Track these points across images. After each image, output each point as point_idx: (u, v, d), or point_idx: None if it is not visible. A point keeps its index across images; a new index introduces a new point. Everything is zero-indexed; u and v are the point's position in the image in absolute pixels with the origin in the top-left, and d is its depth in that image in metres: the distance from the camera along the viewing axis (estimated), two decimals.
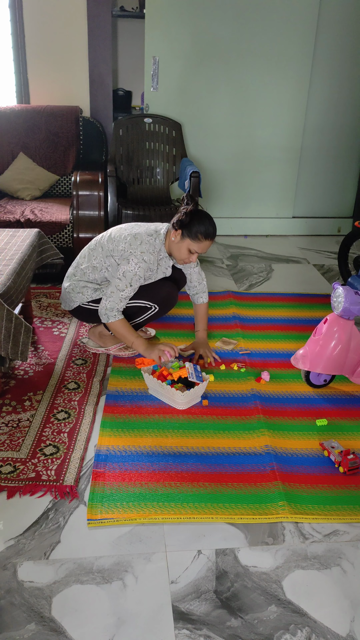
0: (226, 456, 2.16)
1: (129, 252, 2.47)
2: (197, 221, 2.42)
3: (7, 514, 1.87)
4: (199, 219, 2.42)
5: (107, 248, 2.55)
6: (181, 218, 2.43)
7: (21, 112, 3.75)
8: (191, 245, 2.45)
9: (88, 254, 2.63)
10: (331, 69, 4.29)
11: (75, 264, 2.68)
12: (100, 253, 2.58)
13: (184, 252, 2.48)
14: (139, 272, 2.46)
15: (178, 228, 2.44)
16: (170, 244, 2.52)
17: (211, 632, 1.54)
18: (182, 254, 2.49)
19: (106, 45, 3.91)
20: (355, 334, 2.45)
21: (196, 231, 2.42)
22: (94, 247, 2.62)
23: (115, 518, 1.85)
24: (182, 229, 2.44)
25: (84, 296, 2.62)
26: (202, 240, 2.44)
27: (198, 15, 3.97)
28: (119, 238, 2.53)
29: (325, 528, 1.88)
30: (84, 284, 2.62)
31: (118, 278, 2.46)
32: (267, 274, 3.90)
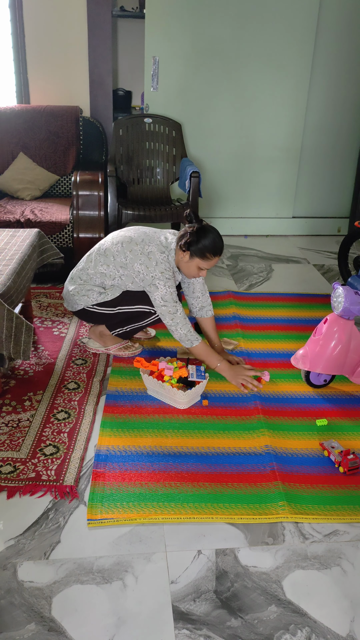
0: (226, 456, 2.16)
1: (151, 276, 2.45)
2: (204, 239, 2.40)
3: (7, 514, 1.87)
4: (205, 237, 2.40)
5: (121, 261, 2.51)
6: (187, 240, 2.41)
7: (21, 112, 3.75)
8: (201, 263, 2.46)
9: (95, 259, 2.58)
10: (331, 69, 4.29)
11: (81, 267, 2.64)
12: (112, 262, 2.53)
13: (193, 270, 2.49)
14: (172, 290, 2.46)
15: (186, 250, 2.43)
16: (179, 261, 2.51)
17: (211, 632, 1.54)
18: (192, 271, 2.50)
19: (106, 45, 3.91)
20: (355, 334, 2.45)
21: (204, 250, 2.41)
22: (104, 254, 2.56)
23: (116, 518, 1.85)
24: (189, 250, 2.43)
25: (89, 299, 2.60)
26: (211, 259, 2.44)
27: (198, 15, 3.97)
28: (133, 256, 2.48)
29: (325, 528, 1.88)
30: (89, 287, 2.60)
31: (163, 306, 2.46)
32: (267, 274, 3.90)
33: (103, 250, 2.57)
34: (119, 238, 2.57)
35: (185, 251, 2.44)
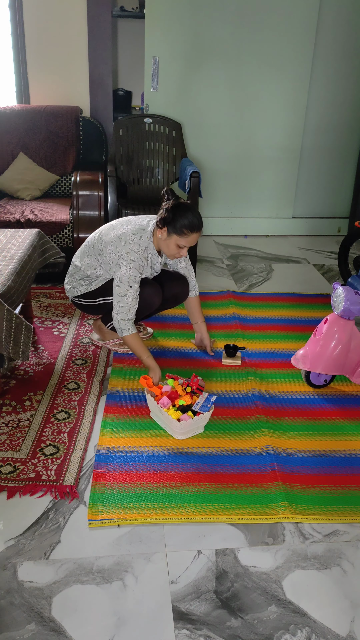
0: (226, 456, 2.16)
1: (117, 255, 2.46)
2: (180, 216, 2.37)
3: (7, 514, 1.87)
4: (181, 214, 2.37)
5: (97, 248, 2.57)
6: (163, 216, 2.39)
7: (21, 112, 3.75)
8: (179, 240, 2.43)
9: (82, 251, 2.66)
10: (331, 69, 4.29)
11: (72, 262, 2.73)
12: (92, 251, 2.59)
13: (172, 248, 2.46)
14: (132, 273, 2.45)
15: (162, 226, 2.41)
16: (158, 241, 2.49)
17: (211, 632, 1.54)
18: (171, 250, 2.47)
19: (106, 45, 3.91)
20: (356, 334, 2.45)
21: (181, 226, 2.38)
22: (89, 245, 2.63)
23: (116, 518, 1.85)
24: (166, 226, 2.40)
25: (75, 290, 2.69)
26: (188, 235, 2.40)
27: (198, 15, 3.97)
28: (107, 240, 2.53)
29: (325, 528, 1.88)
30: (78, 278, 2.67)
31: (117, 285, 2.47)
32: (267, 274, 3.90)
33: (89, 243, 2.64)
34: (102, 227, 2.63)
35: (162, 228, 2.41)
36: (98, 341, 2.83)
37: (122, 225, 2.55)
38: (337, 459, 2.18)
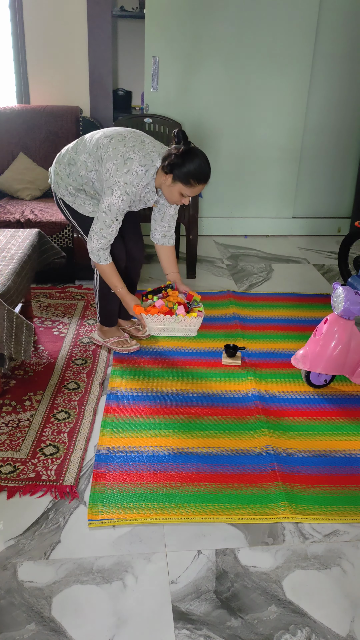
0: (226, 456, 2.16)
1: (114, 180, 2.28)
2: (189, 163, 2.24)
3: (7, 514, 1.87)
4: (191, 161, 2.24)
5: (100, 154, 2.35)
6: (171, 161, 2.24)
7: (21, 112, 3.75)
8: (183, 189, 2.31)
9: (84, 144, 2.45)
10: (331, 69, 4.29)
11: (72, 146, 2.51)
12: (94, 153, 2.38)
13: (175, 195, 2.35)
14: (122, 206, 2.33)
15: (168, 172, 2.27)
16: (160, 184, 2.35)
17: (211, 632, 1.54)
18: (174, 197, 2.37)
19: (106, 45, 3.91)
20: (356, 334, 2.45)
21: (188, 175, 2.25)
22: (91, 142, 2.42)
23: (116, 518, 1.85)
24: (172, 173, 2.27)
25: (61, 189, 2.52)
26: (195, 185, 2.29)
27: (198, 15, 3.97)
28: (111, 153, 2.32)
29: (325, 528, 1.88)
30: (69, 173, 2.48)
31: (104, 212, 2.34)
32: (267, 274, 3.90)
33: (95, 138, 2.42)
34: (112, 132, 2.41)
35: (168, 174, 2.28)
36: (98, 339, 2.83)
37: (133, 145, 2.33)
38: (337, 459, 2.18)
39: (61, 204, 2.60)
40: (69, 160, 2.48)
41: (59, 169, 2.54)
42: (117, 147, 2.33)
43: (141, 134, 2.44)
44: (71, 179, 2.48)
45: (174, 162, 2.26)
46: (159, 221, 2.66)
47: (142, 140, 2.39)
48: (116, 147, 2.33)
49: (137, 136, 2.40)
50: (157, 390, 2.53)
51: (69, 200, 2.55)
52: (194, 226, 3.63)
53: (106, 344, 2.81)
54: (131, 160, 2.30)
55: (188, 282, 3.68)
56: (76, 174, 2.46)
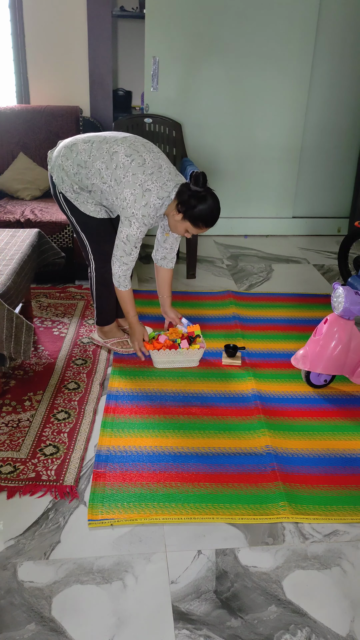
0: (226, 456, 2.16)
1: (132, 212, 2.35)
2: (202, 208, 2.32)
3: (7, 514, 1.87)
4: (205, 206, 2.32)
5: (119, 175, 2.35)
6: (185, 201, 2.32)
7: (21, 112, 3.75)
8: (190, 228, 2.40)
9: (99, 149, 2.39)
10: (331, 69, 4.29)
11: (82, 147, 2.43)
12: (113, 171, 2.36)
13: (180, 229, 2.44)
14: (141, 235, 2.41)
15: (181, 211, 2.35)
16: (169, 213, 2.42)
17: (211, 632, 1.54)
18: (178, 230, 2.45)
19: (106, 45, 3.91)
20: (356, 334, 2.45)
21: (198, 219, 2.35)
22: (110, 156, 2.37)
23: (116, 518, 1.85)
24: (184, 213, 2.35)
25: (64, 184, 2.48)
26: (202, 228, 2.39)
27: (198, 15, 3.97)
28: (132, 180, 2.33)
29: (325, 528, 1.88)
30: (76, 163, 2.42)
31: (123, 242, 2.41)
32: (267, 274, 3.90)
33: (113, 151, 2.38)
34: (132, 150, 2.38)
35: (179, 212, 2.36)
36: (99, 339, 2.83)
37: (152, 173, 2.35)
38: (337, 459, 2.18)
39: (61, 198, 2.55)
40: (81, 162, 2.42)
41: (65, 164, 2.45)
42: (136, 174, 2.34)
43: (158, 156, 2.44)
44: (77, 179, 2.45)
45: (188, 205, 2.33)
46: (161, 242, 2.70)
47: (159, 166, 2.40)
48: (136, 173, 2.34)
49: (155, 159, 2.40)
50: (157, 390, 2.53)
51: (71, 196, 2.51)
52: None
53: (106, 345, 2.81)
54: (149, 193, 2.34)
55: (188, 282, 3.69)
56: (85, 177, 2.43)
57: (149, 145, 2.45)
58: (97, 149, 2.41)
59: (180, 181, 2.42)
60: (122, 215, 2.40)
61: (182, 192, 2.35)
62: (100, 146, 2.41)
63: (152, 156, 2.40)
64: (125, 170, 2.35)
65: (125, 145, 2.40)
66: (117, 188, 2.38)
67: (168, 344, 2.66)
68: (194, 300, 3.41)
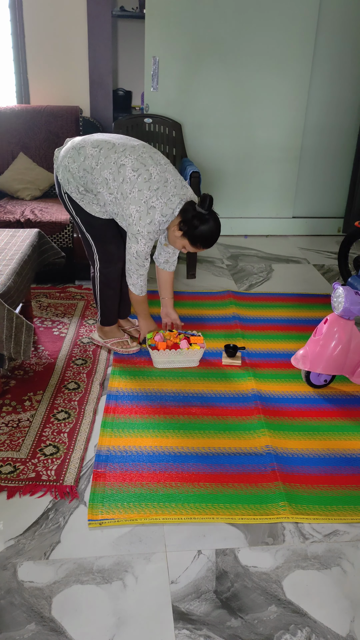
0: (226, 456, 2.16)
1: (137, 229, 2.38)
2: (203, 230, 2.38)
3: (7, 514, 1.87)
4: (206, 228, 2.38)
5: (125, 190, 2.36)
6: (187, 220, 2.37)
7: (21, 112, 3.75)
8: (187, 245, 2.46)
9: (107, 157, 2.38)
10: (331, 69, 4.29)
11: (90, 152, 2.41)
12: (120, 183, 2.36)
13: (178, 245, 2.48)
14: (148, 249, 2.46)
15: (182, 229, 2.40)
16: (170, 227, 2.46)
17: (211, 632, 1.54)
18: (176, 244, 2.49)
19: (106, 45, 3.91)
20: (356, 334, 2.45)
21: (197, 240, 2.41)
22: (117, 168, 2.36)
23: (116, 518, 1.85)
24: (185, 232, 2.40)
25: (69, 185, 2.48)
26: (199, 248, 2.46)
27: (198, 15, 3.97)
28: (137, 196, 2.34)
29: (325, 528, 1.88)
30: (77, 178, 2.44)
31: (134, 257, 2.46)
32: (267, 274, 3.90)
33: (120, 164, 2.37)
34: (138, 164, 2.37)
35: (180, 230, 2.41)
36: (99, 339, 2.83)
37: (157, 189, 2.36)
38: (337, 459, 2.18)
39: (66, 198, 2.54)
40: (87, 167, 2.40)
41: (71, 166, 2.43)
42: (142, 190, 2.35)
43: (165, 169, 2.43)
44: (83, 182, 2.44)
45: (190, 225, 2.38)
46: (164, 247, 2.72)
47: (165, 179, 2.40)
48: (142, 189, 2.35)
49: (161, 172, 2.40)
50: (157, 390, 2.53)
51: (77, 197, 2.50)
52: None
53: (106, 345, 2.81)
54: (154, 210, 2.37)
55: (188, 282, 3.69)
56: (91, 183, 2.42)
57: (156, 157, 2.44)
58: (105, 157, 2.39)
59: (185, 195, 2.45)
60: (129, 232, 2.45)
61: (186, 210, 2.39)
62: (108, 154, 2.39)
63: (159, 169, 2.40)
64: (132, 185, 2.36)
65: (133, 157, 2.38)
66: (123, 202, 2.40)
67: (170, 344, 2.68)
68: (194, 300, 3.41)
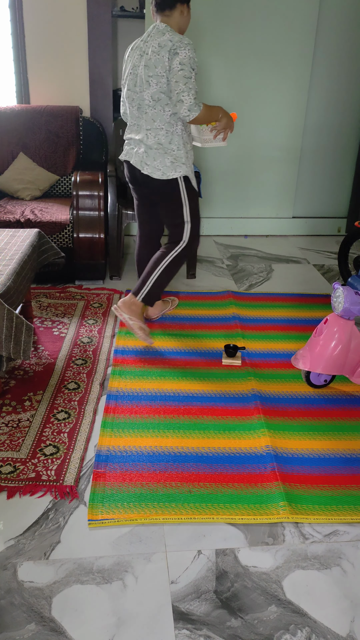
0: (226, 456, 2.16)
1: (175, 51, 2.48)
2: None
3: (7, 514, 1.87)
4: None
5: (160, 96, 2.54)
6: None
7: (21, 112, 3.75)
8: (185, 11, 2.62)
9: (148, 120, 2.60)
10: (331, 69, 4.29)
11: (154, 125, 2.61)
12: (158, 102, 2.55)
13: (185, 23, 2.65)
14: (192, 54, 2.49)
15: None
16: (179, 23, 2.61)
17: (211, 632, 1.54)
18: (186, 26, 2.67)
19: (106, 45, 3.91)
20: (356, 334, 2.45)
21: None
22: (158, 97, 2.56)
23: (116, 518, 1.85)
24: None
25: (183, 167, 2.65)
26: None
27: (198, 15, 3.97)
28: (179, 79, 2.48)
29: (325, 528, 1.88)
30: (175, 150, 2.64)
31: (181, 68, 2.45)
32: (267, 274, 3.90)
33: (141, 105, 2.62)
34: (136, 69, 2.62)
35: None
36: (123, 314, 2.77)
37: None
38: (337, 459, 2.18)
39: (182, 184, 2.67)
40: (161, 139, 2.61)
41: (171, 149, 2.62)
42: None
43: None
44: (175, 143, 2.63)
45: None
46: None
47: None
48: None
49: None
50: (157, 390, 2.53)
51: (187, 170, 2.67)
52: None
53: (128, 322, 2.77)
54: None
55: (188, 282, 3.69)
56: (171, 133, 2.61)
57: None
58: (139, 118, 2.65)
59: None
60: (181, 96, 2.47)
61: None
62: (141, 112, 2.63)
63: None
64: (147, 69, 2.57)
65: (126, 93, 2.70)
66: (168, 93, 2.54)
67: None
68: (194, 300, 3.41)
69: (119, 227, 3.56)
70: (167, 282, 2.85)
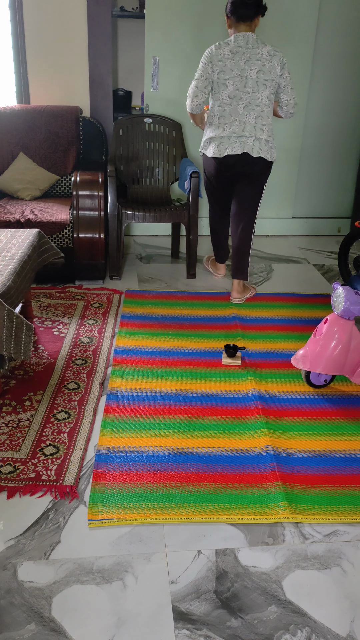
0: (226, 456, 2.16)
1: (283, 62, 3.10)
2: None
3: (7, 514, 1.87)
4: None
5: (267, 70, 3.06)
6: None
7: (21, 112, 3.75)
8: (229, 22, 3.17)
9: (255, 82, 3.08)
10: (331, 69, 4.29)
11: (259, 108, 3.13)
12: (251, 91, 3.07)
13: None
14: None
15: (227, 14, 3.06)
16: None
17: (211, 632, 1.54)
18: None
19: (106, 45, 3.91)
20: (356, 334, 2.45)
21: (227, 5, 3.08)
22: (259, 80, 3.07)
23: (116, 518, 1.85)
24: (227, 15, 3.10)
25: (272, 148, 3.25)
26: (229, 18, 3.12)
27: (198, 15, 3.97)
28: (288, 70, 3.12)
29: (325, 528, 1.88)
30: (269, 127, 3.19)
31: (290, 77, 3.13)
32: (267, 274, 3.90)
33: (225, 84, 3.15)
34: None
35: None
36: (207, 264, 3.78)
37: None
38: (337, 459, 2.18)
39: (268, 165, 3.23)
40: (270, 133, 3.18)
41: (273, 140, 3.21)
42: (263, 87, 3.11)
43: None
44: (272, 136, 3.20)
45: None
46: None
47: None
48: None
49: None
50: (157, 390, 2.53)
51: (272, 145, 3.22)
52: (194, 226, 3.63)
53: (246, 297, 3.43)
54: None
55: (188, 282, 3.69)
56: (265, 107, 3.13)
57: None
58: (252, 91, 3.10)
59: None
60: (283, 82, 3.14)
61: None
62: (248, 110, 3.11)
63: None
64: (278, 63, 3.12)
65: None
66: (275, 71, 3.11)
67: None
68: (194, 300, 3.41)
69: (119, 227, 3.56)
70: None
